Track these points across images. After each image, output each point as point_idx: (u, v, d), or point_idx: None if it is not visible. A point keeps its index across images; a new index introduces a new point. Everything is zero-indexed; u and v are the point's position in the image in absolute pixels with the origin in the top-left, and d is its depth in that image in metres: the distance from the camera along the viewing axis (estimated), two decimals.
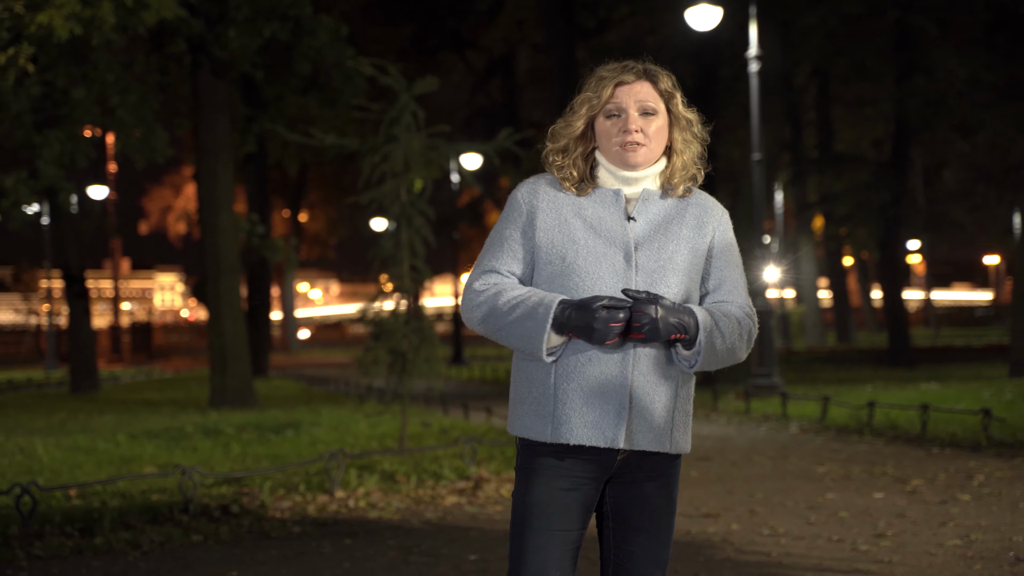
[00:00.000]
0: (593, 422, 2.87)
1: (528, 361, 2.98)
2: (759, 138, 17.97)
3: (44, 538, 7.13)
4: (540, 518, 2.91)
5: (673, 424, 2.95)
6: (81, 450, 11.89)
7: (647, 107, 2.97)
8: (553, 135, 3.09)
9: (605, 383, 2.87)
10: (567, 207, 2.99)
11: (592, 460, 2.92)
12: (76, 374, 25.76)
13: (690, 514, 7.76)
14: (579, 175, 3.02)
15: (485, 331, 2.99)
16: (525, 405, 2.97)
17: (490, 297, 2.96)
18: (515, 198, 3.06)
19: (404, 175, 10.72)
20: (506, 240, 3.03)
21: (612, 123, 2.97)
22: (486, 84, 49.65)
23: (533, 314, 2.86)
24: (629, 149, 2.95)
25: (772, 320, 17.16)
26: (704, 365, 2.91)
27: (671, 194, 3.04)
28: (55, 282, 46.04)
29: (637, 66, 3.01)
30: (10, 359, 55.03)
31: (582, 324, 2.81)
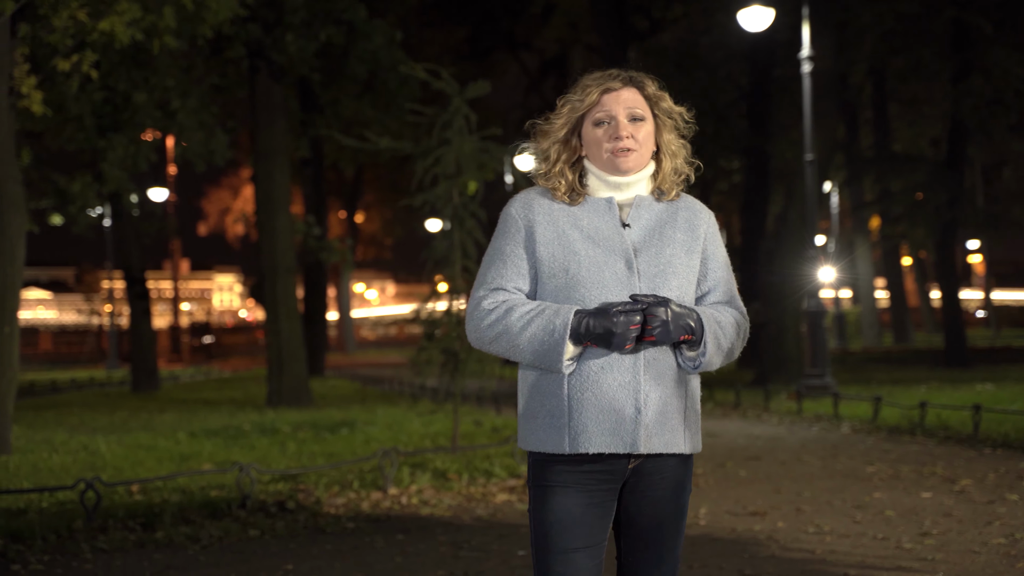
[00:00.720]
0: (611, 429, 2.88)
1: (538, 374, 2.97)
2: (811, 139, 17.96)
3: (108, 532, 7.37)
4: (563, 538, 2.91)
5: (686, 424, 2.97)
6: (142, 447, 12.19)
7: (636, 113, 3.00)
8: (534, 133, 3.11)
9: (618, 390, 2.88)
10: (563, 218, 3.00)
11: (608, 469, 2.92)
12: (137, 373, 26.23)
13: (737, 512, 7.86)
14: (567, 184, 3.04)
15: (497, 349, 2.96)
16: (539, 419, 2.95)
17: (502, 315, 2.94)
18: (509, 214, 3.05)
19: (456, 178, 10.88)
20: (508, 256, 3.02)
21: (602, 130, 2.99)
22: (540, 85, 49.76)
23: (549, 327, 2.86)
24: (620, 155, 2.97)
25: (824, 321, 17.13)
26: (707, 365, 2.94)
27: (662, 198, 3.07)
28: (117, 283, 46.74)
29: (623, 73, 3.04)
30: (73, 359, 55.98)
31: (602, 331, 2.82)
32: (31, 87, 12.86)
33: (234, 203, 77.47)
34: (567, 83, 11.03)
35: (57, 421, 16.80)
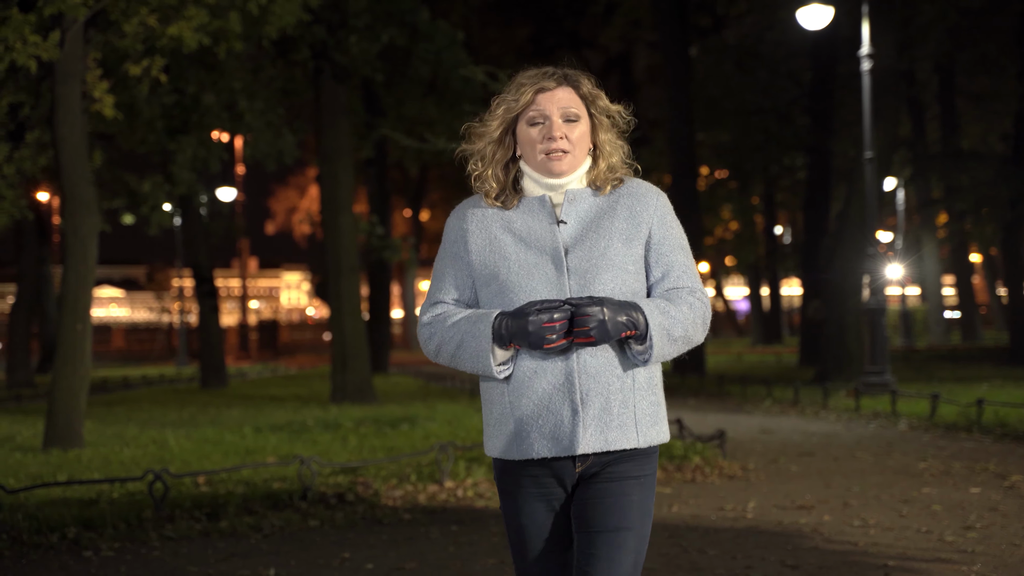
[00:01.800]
0: (550, 433, 2.87)
1: (486, 383, 3.02)
2: (871, 136, 17.95)
3: (175, 521, 7.69)
4: (534, 539, 2.96)
5: (636, 418, 2.91)
6: (209, 442, 12.55)
7: (570, 113, 2.96)
8: (469, 135, 3.08)
9: (553, 393, 2.86)
10: (496, 224, 3.00)
11: (559, 470, 2.93)
12: (206, 370, 26.75)
13: (785, 506, 8.00)
14: (500, 186, 3.02)
15: (443, 361, 3.00)
16: (490, 427, 3.00)
17: (437, 328, 2.99)
18: (448, 226, 3.08)
19: None
20: (446, 270, 3.06)
21: (536, 130, 2.96)
22: (604, 83, 49.79)
23: (474, 332, 2.89)
24: (554, 158, 2.94)
25: (884, 318, 17.12)
26: (659, 356, 2.90)
27: (600, 192, 3.02)
28: (186, 281, 47.55)
29: (557, 72, 2.99)
30: (144, 356, 56.99)
31: (517, 330, 2.81)
32: (103, 91, 13.27)
33: (301, 202, 78.37)
34: (631, 81, 11.39)
35: (128, 416, 17.26)
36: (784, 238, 53.49)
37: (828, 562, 6.16)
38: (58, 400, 12.61)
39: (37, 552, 6.92)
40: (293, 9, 14.76)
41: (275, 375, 34.32)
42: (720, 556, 6.37)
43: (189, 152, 19.56)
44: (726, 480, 9.39)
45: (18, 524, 7.30)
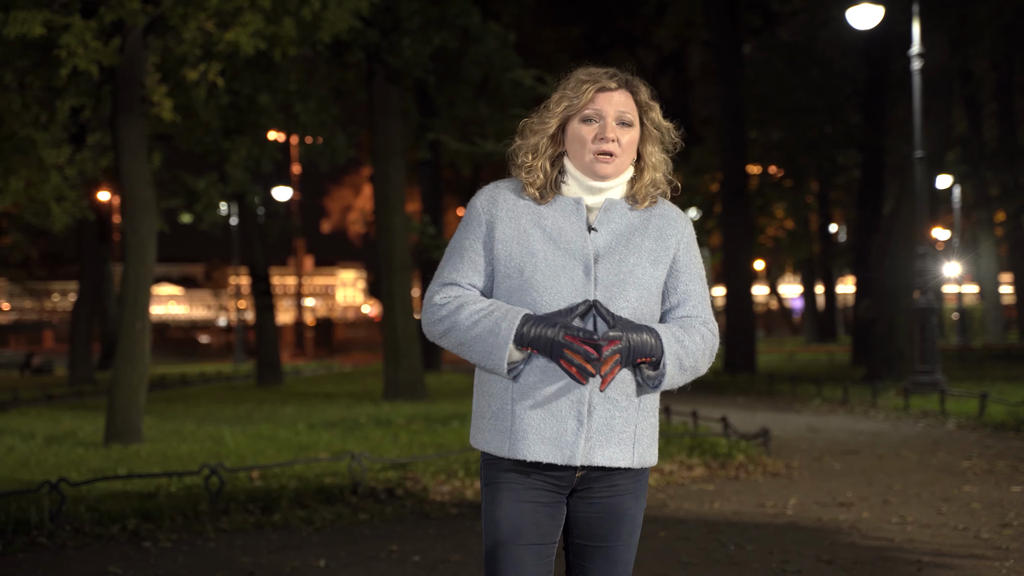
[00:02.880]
0: (550, 439, 2.84)
1: (488, 375, 2.96)
2: (922, 135, 17.93)
3: (229, 514, 7.95)
4: (511, 533, 2.88)
5: (636, 438, 2.91)
6: (264, 438, 12.86)
7: (625, 117, 2.94)
8: (525, 131, 3.03)
9: (562, 399, 2.83)
10: (526, 216, 2.95)
11: (553, 476, 2.89)
12: (261, 367, 27.16)
13: (825, 503, 8.12)
14: (544, 179, 2.98)
15: (447, 345, 2.94)
16: (485, 419, 2.95)
17: (452, 311, 2.91)
18: (474, 206, 3.00)
19: None
20: (466, 251, 2.97)
21: (588, 128, 2.93)
22: (657, 81, 49.88)
23: (496, 329, 2.82)
24: (601, 160, 2.91)
25: (934, 318, 17.11)
26: (668, 384, 2.89)
27: (635, 206, 2.99)
28: (243, 279, 48.09)
29: (619, 74, 2.97)
30: (202, 353, 57.75)
31: (544, 341, 2.77)
32: (161, 95, 13.60)
33: (356, 201, 78.93)
34: (684, 79, 11.50)
35: (186, 412, 17.64)
36: (839, 236, 53.19)
37: (863, 557, 6.29)
38: (118, 397, 12.97)
39: (99, 542, 7.20)
40: (345, 16, 15.03)
41: (329, 372, 34.71)
42: (757, 551, 6.52)
43: (244, 152, 19.90)
44: (769, 478, 9.52)
45: (81, 516, 7.60)
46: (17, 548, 6.99)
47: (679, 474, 9.53)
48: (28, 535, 7.22)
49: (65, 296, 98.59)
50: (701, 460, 9.97)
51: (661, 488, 9.00)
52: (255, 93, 18.96)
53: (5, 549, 6.96)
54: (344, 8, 15.05)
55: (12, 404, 21.30)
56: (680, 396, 19.23)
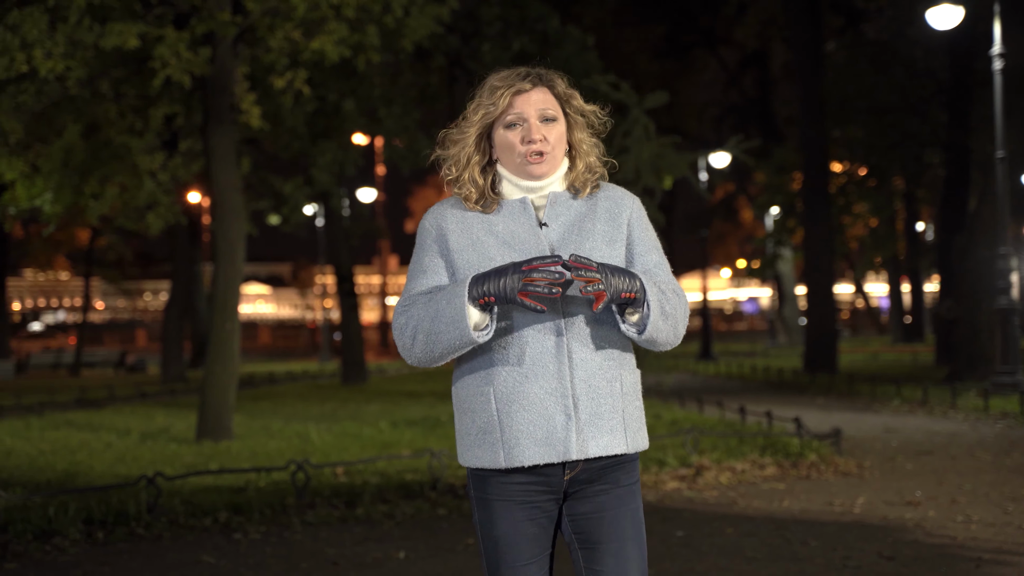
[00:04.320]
0: (543, 439, 2.82)
1: (467, 392, 2.94)
2: (1003, 135, 17.85)
3: (315, 508, 8.33)
4: (510, 553, 2.88)
5: (625, 423, 2.90)
6: (348, 435, 13.27)
7: (547, 113, 2.92)
8: (445, 141, 3.04)
9: (546, 398, 2.82)
10: (477, 225, 2.94)
11: (544, 481, 2.87)
12: (346, 366, 27.69)
13: (893, 502, 8.27)
14: (478, 191, 2.97)
15: (422, 350, 2.88)
16: (471, 436, 2.92)
17: (412, 313, 2.89)
18: (423, 227, 3.01)
19: (636, 183, 11.53)
20: (426, 268, 2.97)
21: (514, 133, 2.92)
22: (740, 80, 49.71)
23: (449, 298, 2.81)
24: (533, 160, 2.90)
25: (1015, 318, 17.02)
26: (652, 330, 2.85)
27: (578, 195, 2.99)
28: (329, 279, 48.83)
29: (531, 72, 2.95)
30: (289, 352, 58.74)
31: (493, 277, 2.76)
32: (250, 103, 14.07)
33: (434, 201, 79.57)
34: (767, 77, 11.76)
35: (273, 411, 18.15)
36: (926, 234, 52.59)
37: (924, 554, 6.46)
38: (209, 395, 13.47)
39: (193, 533, 7.61)
40: (427, 23, 15.40)
41: (413, 372, 35.21)
42: (821, 547, 6.72)
43: (329, 155, 20.39)
44: (840, 477, 9.67)
45: (176, 508, 8.02)
46: (117, 538, 7.42)
47: (751, 473, 9.72)
48: (127, 526, 7.65)
49: (157, 295, 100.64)
50: (773, 459, 10.15)
51: (732, 486, 9.21)
52: (340, 99, 19.43)
53: (106, 539, 7.40)
54: (426, 15, 15.42)
55: (108, 401, 22.06)
56: (758, 396, 19.33)
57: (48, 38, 12.88)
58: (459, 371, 2.98)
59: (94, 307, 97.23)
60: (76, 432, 14.86)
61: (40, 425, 16.22)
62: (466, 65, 19.92)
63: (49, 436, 14.35)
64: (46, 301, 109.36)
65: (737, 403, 16.39)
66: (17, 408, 20.40)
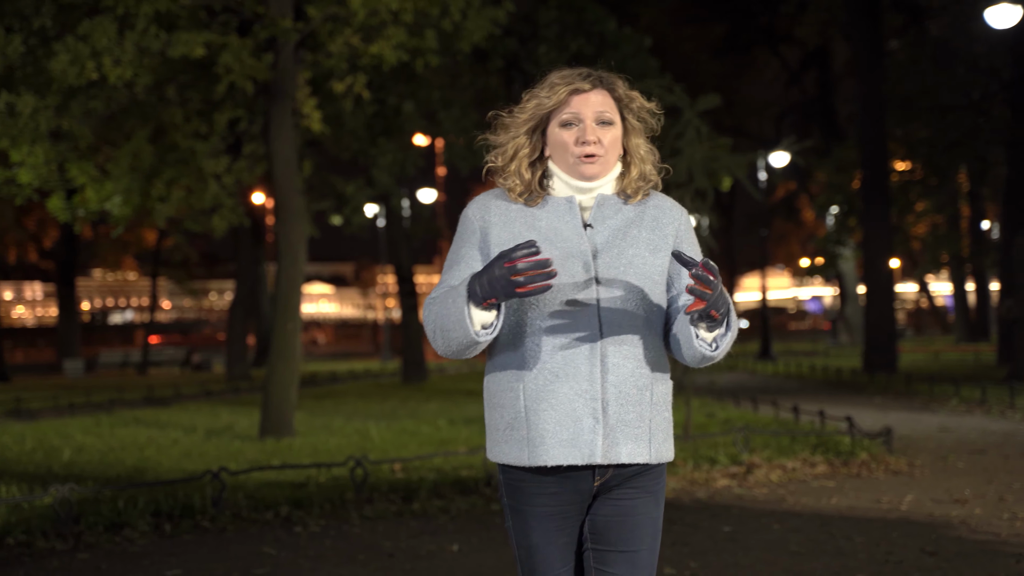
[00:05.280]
0: (568, 440, 2.80)
1: (496, 386, 2.92)
2: None
3: (373, 503, 8.59)
4: (544, 562, 2.88)
5: (651, 433, 2.87)
6: (407, 432, 13.55)
7: (604, 116, 2.88)
8: (496, 126, 3.00)
9: (575, 399, 2.80)
10: (520, 220, 2.90)
11: (574, 488, 2.86)
12: (407, 366, 28.03)
13: (941, 500, 8.37)
14: (524, 185, 2.93)
15: (443, 346, 2.85)
16: (499, 432, 2.91)
17: (432, 310, 2.86)
18: (467, 216, 2.97)
19: (688, 185, 11.67)
20: (463, 259, 2.93)
21: (568, 132, 2.88)
22: (801, 78, 49.47)
23: (454, 295, 2.76)
24: (586, 161, 2.86)
25: None
26: (723, 350, 2.83)
27: (628, 200, 2.95)
28: (390, 278, 49.25)
29: (593, 73, 2.91)
30: (351, 351, 59.29)
31: (485, 275, 2.68)
32: (311, 107, 14.38)
33: None
34: (829, 75, 11.87)
35: (335, 409, 18.49)
36: (992, 233, 52.02)
37: (966, 550, 6.58)
38: (272, 394, 13.81)
39: (255, 527, 7.90)
40: (484, 25, 15.62)
41: (473, 371, 35.48)
42: (865, 543, 6.86)
43: (390, 157, 20.68)
44: (890, 475, 9.77)
45: (239, 502, 8.32)
46: (183, 530, 7.73)
47: (801, 471, 9.85)
48: (193, 519, 7.96)
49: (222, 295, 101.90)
50: (824, 458, 10.26)
51: (782, 484, 9.34)
52: (400, 102, 19.72)
53: (173, 531, 7.71)
54: (482, 18, 15.64)
55: (174, 399, 22.56)
56: (816, 395, 19.36)
57: (117, 46, 13.28)
58: (491, 365, 2.95)
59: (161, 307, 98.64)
60: (144, 429, 15.30)
61: (110, 422, 16.70)
62: (523, 67, 20.14)
63: (118, 433, 14.78)
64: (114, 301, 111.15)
65: (793, 402, 16.45)
66: (87, 406, 20.96)
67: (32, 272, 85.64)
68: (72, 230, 40.14)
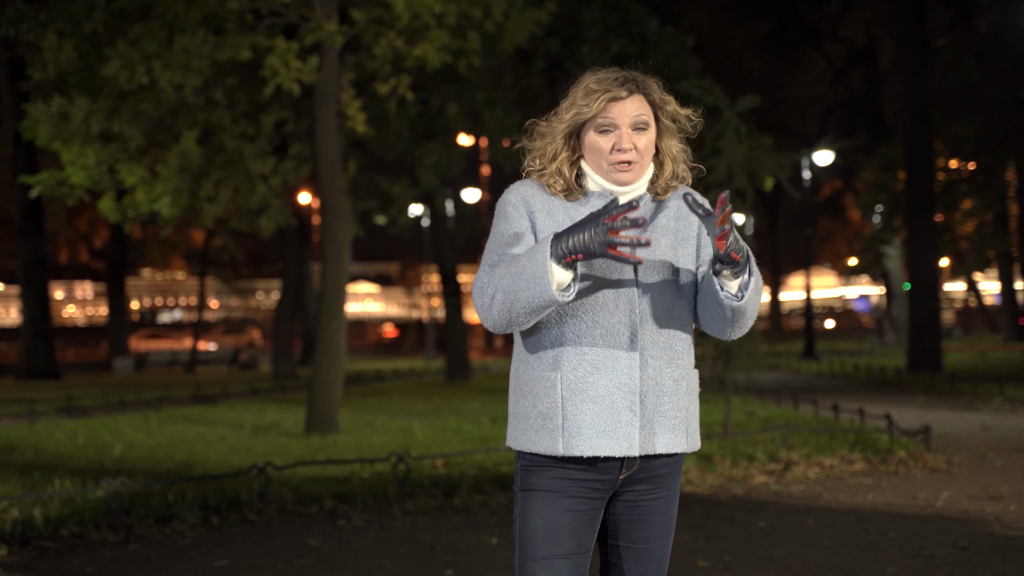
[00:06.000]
0: (606, 431, 2.81)
1: (530, 375, 2.91)
2: None
3: (415, 497, 8.76)
4: (547, 545, 2.85)
5: (687, 422, 2.93)
6: (449, 430, 13.74)
7: (639, 122, 2.89)
8: (532, 132, 3.04)
9: (614, 390, 2.81)
10: (561, 212, 2.93)
11: (599, 478, 2.87)
12: (451, 364, 28.23)
13: (977, 497, 8.43)
14: (565, 182, 2.96)
15: (501, 311, 2.78)
16: (530, 420, 2.89)
17: (495, 274, 2.80)
18: (508, 200, 2.97)
19: (728, 185, 11.75)
20: (516, 235, 2.91)
21: (605, 139, 2.90)
22: (847, 75, 49.23)
23: (532, 254, 2.71)
24: (621, 168, 2.90)
25: None
26: (748, 300, 2.83)
27: (657, 198, 3.01)
28: (434, 277, 49.49)
29: (629, 79, 2.92)
30: (396, 349, 59.64)
31: (578, 232, 2.66)
32: (356, 109, 14.59)
33: None
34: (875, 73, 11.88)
35: (379, 406, 18.71)
36: None
37: (999, 545, 6.66)
38: (317, 391, 14.04)
39: (300, 520, 8.10)
40: (526, 26, 15.77)
41: None
42: (897, 538, 6.95)
43: (434, 157, 20.87)
44: (928, 473, 9.82)
45: (285, 496, 8.53)
46: (231, 523, 7.94)
47: (839, 468, 9.92)
48: (239, 512, 8.17)
49: (269, 294, 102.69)
50: (862, 455, 10.33)
51: (819, 481, 9.43)
52: (443, 103, 19.91)
53: (220, 524, 7.92)
54: (525, 19, 15.79)
55: (222, 397, 22.89)
56: (858, 394, 19.36)
57: (166, 50, 13.55)
58: (522, 353, 2.95)
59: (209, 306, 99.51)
60: (192, 426, 15.59)
61: (159, 419, 17.02)
62: (566, 67, 20.26)
63: (167, 429, 15.08)
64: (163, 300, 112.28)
65: (834, 401, 16.48)
66: (137, 403, 21.32)
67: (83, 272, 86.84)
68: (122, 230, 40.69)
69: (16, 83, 30.38)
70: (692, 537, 7.17)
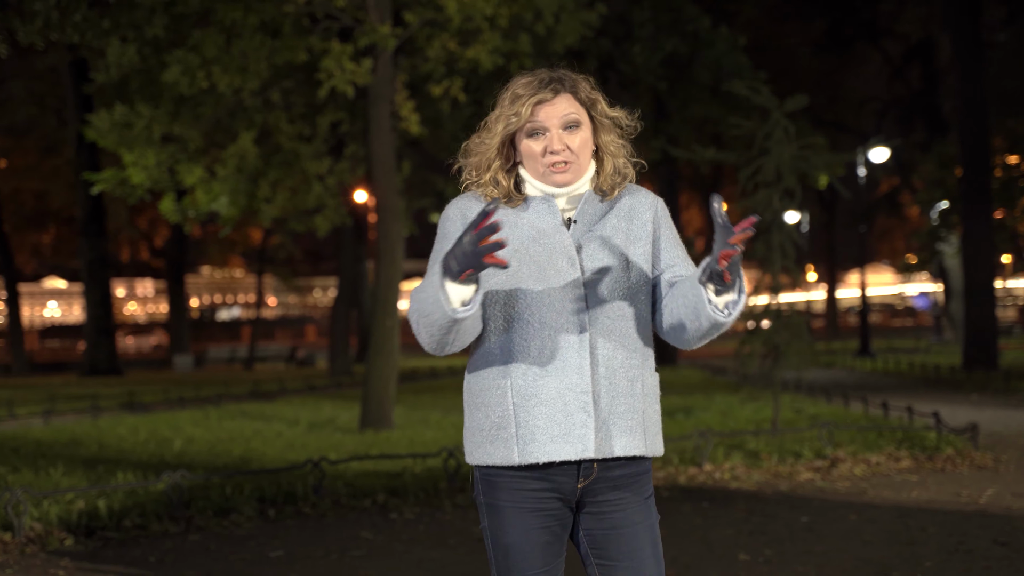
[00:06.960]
0: (561, 435, 2.74)
1: (481, 385, 2.86)
2: None
3: (464, 491, 8.97)
4: (521, 562, 2.79)
5: (645, 425, 2.84)
6: None
7: (570, 120, 2.83)
8: (466, 151, 2.98)
9: (566, 393, 2.75)
10: (502, 221, 2.78)
11: (559, 480, 2.79)
12: None
13: (1021, 494, 8.50)
14: (502, 191, 2.90)
15: (427, 336, 2.74)
16: (484, 431, 2.83)
17: (413, 301, 2.75)
18: (448, 216, 2.93)
19: (777, 184, 11.85)
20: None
21: (536, 143, 2.84)
22: (904, 72, 48.83)
23: (430, 276, 2.66)
24: (557, 170, 2.84)
25: None
26: (736, 314, 2.72)
27: (605, 197, 2.92)
28: None
29: (554, 79, 2.86)
30: None
31: (460, 249, 2.55)
32: (409, 110, 14.81)
33: None
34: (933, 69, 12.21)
35: (433, 403, 18.95)
36: None
37: (1022, 540, 6.76)
38: (371, 388, 14.30)
39: (353, 513, 8.34)
40: (577, 27, 15.93)
41: None
42: (937, 533, 7.06)
43: None
44: (975, 470, 9.88)
45: (338, 490, 8.78)
46: (286, 516, 8.20)
47: (886, 465, 10.01)
48: (295, 505, 8.43)
49: (325, 292, 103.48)
50: (909, 453, 10.40)
51: (865, 478, 9.53)
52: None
53: (276, 516, 8.18)
54: (576, 20, 15.94)
55: (279, 394, 23.27)
56: (912, 392, 19.33)
57: (225, 54, 13.87)
58: (474, 364, 2.91)
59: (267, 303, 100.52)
60: (250, 421, 15.92)
61: (218, 415, 17.38)
62: (617, 67, 20.41)
63: (226, 425, 15.41)
64: (222, 297, 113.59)
65: (885, 399, 16.49)
66: (197, 399, 21.74)
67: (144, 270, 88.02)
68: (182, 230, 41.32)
69: (80, 86, 31.03)
70: (735, 531, 7.33)
